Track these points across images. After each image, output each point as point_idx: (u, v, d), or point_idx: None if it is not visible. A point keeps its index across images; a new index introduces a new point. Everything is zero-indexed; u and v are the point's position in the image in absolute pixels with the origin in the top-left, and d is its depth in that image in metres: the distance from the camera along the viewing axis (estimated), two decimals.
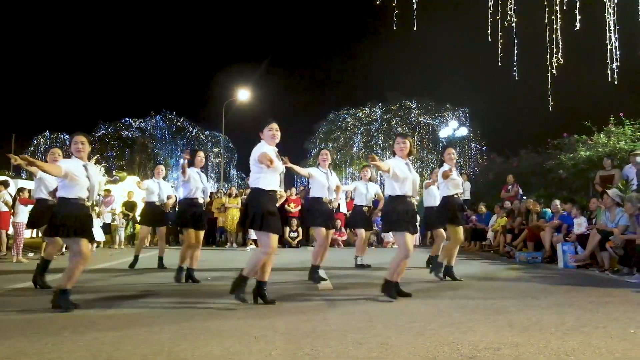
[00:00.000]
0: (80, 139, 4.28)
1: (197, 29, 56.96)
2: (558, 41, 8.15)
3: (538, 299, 4.54)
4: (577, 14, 7.72)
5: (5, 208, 9.17)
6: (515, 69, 8.86)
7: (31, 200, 7.41)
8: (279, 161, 4.29)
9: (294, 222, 12.54)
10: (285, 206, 11.87)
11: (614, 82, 8.05)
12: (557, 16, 7.98)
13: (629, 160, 9.20)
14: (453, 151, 6.07)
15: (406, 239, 4.48)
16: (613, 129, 11.12)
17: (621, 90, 10.20)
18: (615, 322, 3.53)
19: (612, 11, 7.79)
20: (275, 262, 7.78)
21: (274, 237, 4.19)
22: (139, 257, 7.43)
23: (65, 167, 4.07)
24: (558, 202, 8.84)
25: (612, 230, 6.72)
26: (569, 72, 9.59)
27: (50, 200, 5.67)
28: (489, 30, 8.28)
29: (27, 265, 7.31)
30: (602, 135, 11.26)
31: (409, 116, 39.59)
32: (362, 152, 36.55)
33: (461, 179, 6.01)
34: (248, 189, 6.99)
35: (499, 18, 8.07)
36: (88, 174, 4.18)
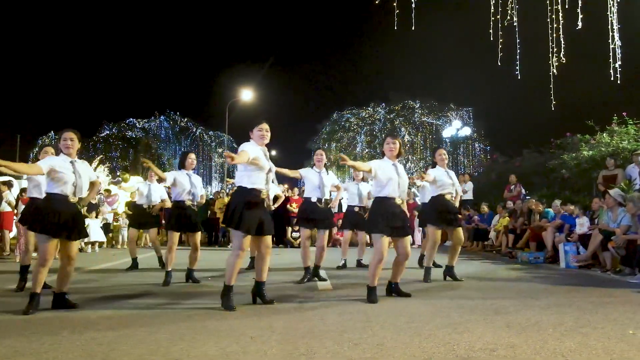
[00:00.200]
0: (70, 135, 4.18)
1: (200, 29, 57.24)
2: (560, 40, 8.13)
3: (538, 299, 4.52)
4: (579, 13, 7.70)
5: (9, 208, 9.24)
6: (517, 68, 8.85)
7: None
8: (265, 161, 4.19)
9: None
10: (288, 206, 11.87)
11: (616, 82, 8.02)
12: (559, 15, 7.97)
13: (632, 159, 9.17)
14: (444, 152, 6.05)
15: (382, 243, 4.40)
16: (616, 128, 11.06)
17: (624, 90, 10.18)
18: (614, 323, 3.51)
19: (614, 10, 7.76)
20: (277, 262, 7.84)
21: (246, 238, 4.08)
22: (137, 258, 7.34)
23: (49, 164, 4.00)
24: (558, 203, 8.81)
25: (614, 231, 6.68)
26: (571, 71, 9.56)
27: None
28: (492, 29, 8.27)
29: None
30: (605, 134, 11.20)
31: (413, 116, 39.61)
32: (366, 152, 36.60)
33: (452, 180, 5.91)
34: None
35: (499, 17, 8.05)
36: (74, 170, 4.11)
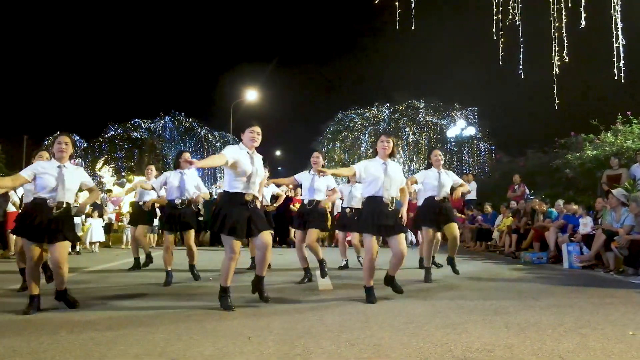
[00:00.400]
0: (64, 139, 4.18)
1: (204, 30, 57.29)
2: (563, 39, 8.08)
3: (538, 300, 4.49)
4: (582, 12, 7.65)
5: (14, 209, 9.29)
6: (520, 67, 8.81)
7: None
8: (249, 165, 4.14)
9: None
10: (290, 206, 11.87)
11: (620, 81, 7.96)
12: (562, 14, 7.93)
13: (636, 159, 9.12)
14: (439, 153, 6.03)
15: (369, 242, 4.39)
16: (620, 127, 11.01)
17: (628, 89, 10.11)
18: (614, 324, 3.49)
19: (618, 8, 7.71)
20: (278, 262, 7.84)
21: (236, 241, 4.10)
22: (139, 258, 7.33)
23: (31, 170, 4.01)
24: (561, 202, 8.76)
25: (617, 231, 6.63)
26: (575, 70, 9.51)
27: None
28: (495, 29, 8.24)
29: None
30: (609, 134, 11.15)
31: (417, 116, 39.44)
32: (370, 152, 36.42)
33: (440, 181, 5.86)
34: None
35: (500, 17, 8.02)
36: (59, 175, 4.06)
